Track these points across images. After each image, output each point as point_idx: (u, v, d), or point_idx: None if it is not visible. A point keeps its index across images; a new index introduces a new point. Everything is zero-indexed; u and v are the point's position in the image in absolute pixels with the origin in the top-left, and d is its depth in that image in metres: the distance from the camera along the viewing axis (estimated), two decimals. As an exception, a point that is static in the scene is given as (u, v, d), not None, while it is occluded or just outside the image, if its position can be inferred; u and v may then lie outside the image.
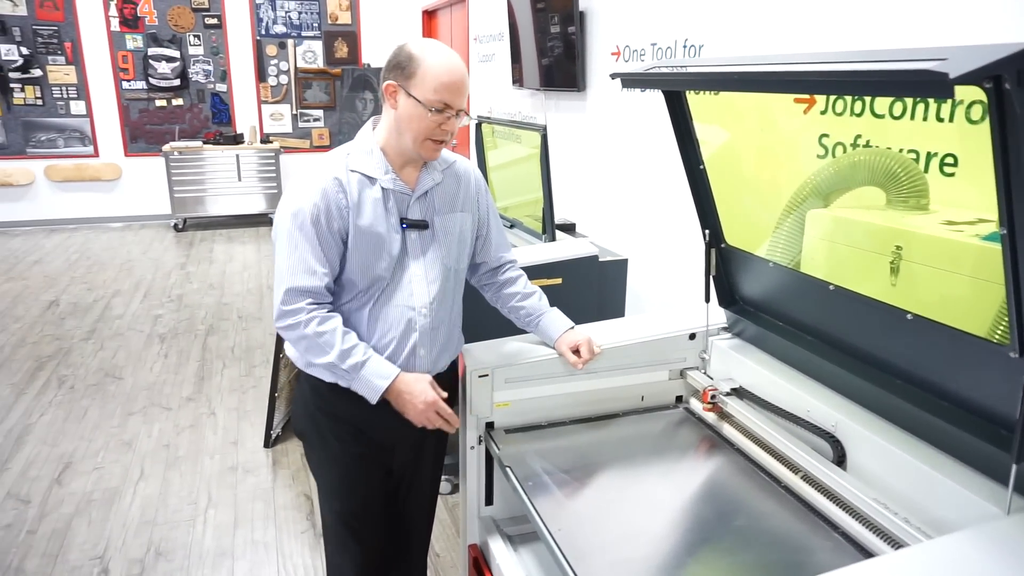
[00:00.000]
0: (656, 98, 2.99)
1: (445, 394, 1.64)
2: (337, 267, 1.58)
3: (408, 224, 1.63)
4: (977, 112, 1.33)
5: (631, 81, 1.65)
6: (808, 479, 1.54)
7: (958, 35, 1.93)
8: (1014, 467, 1.14)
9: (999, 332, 1.25)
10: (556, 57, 4.17)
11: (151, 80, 7.82)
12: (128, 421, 3.54)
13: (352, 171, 1.57)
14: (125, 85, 7.77)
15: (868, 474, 1.46)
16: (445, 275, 1.69)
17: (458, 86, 1.53)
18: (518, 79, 4.78)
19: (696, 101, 1.74)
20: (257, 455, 3.23)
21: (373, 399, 1.59)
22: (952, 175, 1.46)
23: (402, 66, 1.53)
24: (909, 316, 1.35)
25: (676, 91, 1.71)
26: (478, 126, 3.70)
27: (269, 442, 3.30)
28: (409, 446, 1.81)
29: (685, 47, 3.08)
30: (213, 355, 4.38)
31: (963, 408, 1.31)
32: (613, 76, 1.67)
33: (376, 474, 1.78)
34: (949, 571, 1.02)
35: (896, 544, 1.30)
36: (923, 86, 0.93)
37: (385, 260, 1.60)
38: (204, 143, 7.80)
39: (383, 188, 1.59)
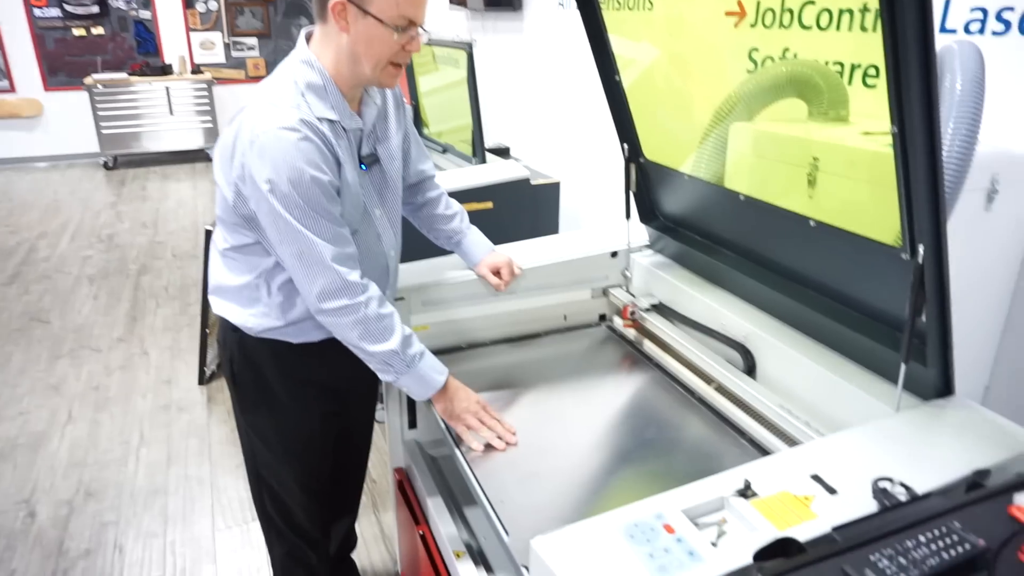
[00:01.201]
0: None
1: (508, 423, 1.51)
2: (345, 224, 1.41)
3: (366, 163, 1.48)
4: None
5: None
6: (720, 389, 1.56)
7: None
8: (903, 366, 1.16)
9: (887, 231, 1.26)
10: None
11: (66, 7, 7.30)
12: (55, 365, 3.43)
13: (321, 120, 1.34)
14: (37, 12, 7.24)
15: (775, 381, 1.48)
16: (399, 206, 1.59)
17: None
18: (456, -2, 4.59)
19: (616, 17, 1.67)
20: (191, 393, 3.18)
21: (424, 395, 1.47)
22: (874, 87, 1.44)
23: None
24: (812, 223, 1.34)
25: (587, -4, 1.64)
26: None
27: (204, 379, 3.24)
28: (363, 393, 1.76)
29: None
30: (146, 295, 4.24)
31: (862, 313, 1.33)
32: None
33: (333, 427, 1.71)
34: (830, 464, 1.03)
35: (793, 443, 1.33)
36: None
37: (358, 208, 1.45)
38: (130, 75, 7.37)
39: (345, 129, 1.40)
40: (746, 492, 1.00)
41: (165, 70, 7.54)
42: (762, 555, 0.87)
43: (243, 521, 2.40)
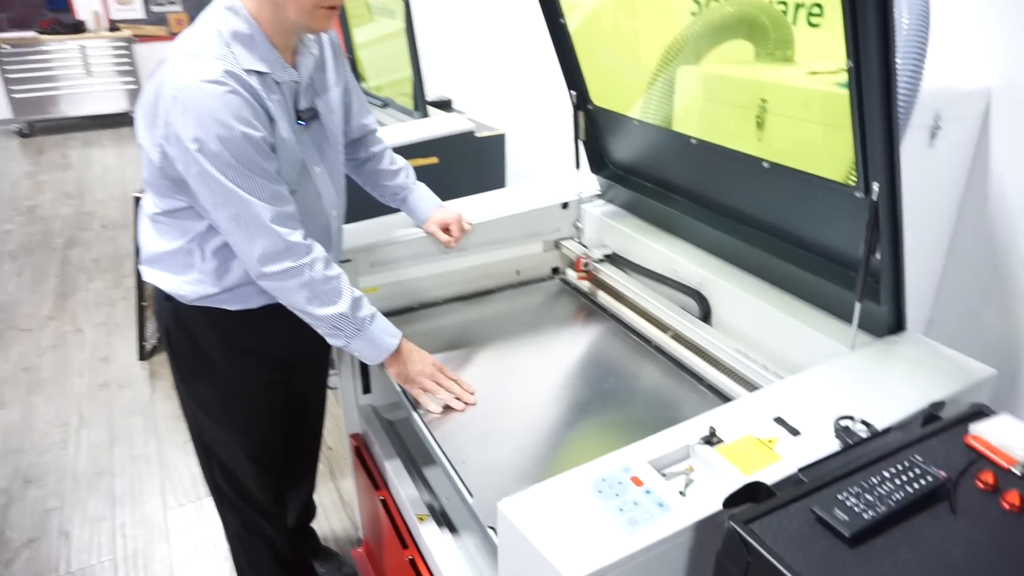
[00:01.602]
0: (526, -44, 2.78)
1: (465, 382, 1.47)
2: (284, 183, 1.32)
3: (304, 119, 1.38)
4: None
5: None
6: (677, 337, 1.55)
7: None
8: (857, 304, 1.17)
9: (840, 170, 1.25)
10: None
11: (-39, -40, 6.72)
12: (-20, 347, 3.24)
13: (248, 72, 1.24)
14: (-71, -34, 6.65)
15: (731, 326, 1.49)
16: (341, 163, 1.50)
17: None
18: (385, -55, 4.37)
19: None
20: (132, 369, 3.05)
21: (377, 359, 1.41)
22: (818, 26, 1.42)
23: None
24: (766, 164, 1.32)
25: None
26: (339, -3, 3.37)
27: (144, 354, 3.11)
28: (312, 360, 1.69)
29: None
30: (75, 269, 4.03)
31: (815, 254, 1.33)
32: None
33: (280, 397, 1.65)
34: (792, 406, 1.04)
35: (752, 387, 1.33)
36: None
37: (296, 166, 1.36)
38: (39, 33, 6.87)
39: (277, 83, 1.29)
40: (711, 439, 0.99)
41: (77, 27, 7.04)
42: (732, 501, 0.86)
43: (196, 497, 2.33)
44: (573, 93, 1.77)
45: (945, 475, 0.83)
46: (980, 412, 0.96)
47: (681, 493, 0.91)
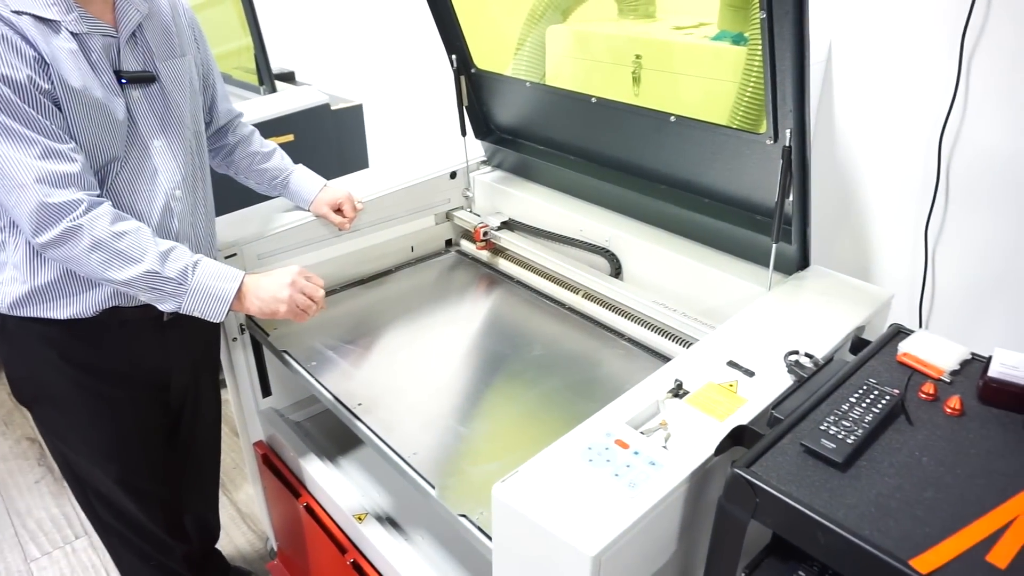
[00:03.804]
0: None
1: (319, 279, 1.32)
2: (72, 141, 1.13)
3: (128, 79, 1.20)
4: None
5: None
6: (589, 296, 1.57)
7: None
8: (773, 247, 1.24)
9: (740, 121, 1.32)
10: None
11: None
12: None
13: (17, 13, 1.08)
14: None
15: (644, 280, 1.53)
16: (191, 141, 1.33)
17: None
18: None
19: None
20: (-56, 408, 2.59)
21: (221, 311, 1.20)
22: None
23: None
24: (672, 119, 1.36)
25: None
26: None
27: (-42, 389, 2.65)
28: (185, 372, 1.49)
29: None
30: None
31: (723, 202, 1.39)
32: None
33: (155, 415, 1.46)
34: (737, 349, 1.09)
35: (679, 339, 1.38)
36: None
37: (114, 132, 1.19)
38: None
39: (73, 34, 1.14)
40: (678, 392, 1.02)
41: None
42: (722, 448, 0.89)
43: (62, 541, 2.04)
44: (453, 57, 1.70)
45: (898, 392, 0.91)
46: (900, 331, 1.07)
47: (664, 447, 0.92)
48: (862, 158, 1.56)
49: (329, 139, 2.53)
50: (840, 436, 0.84)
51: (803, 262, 1.31)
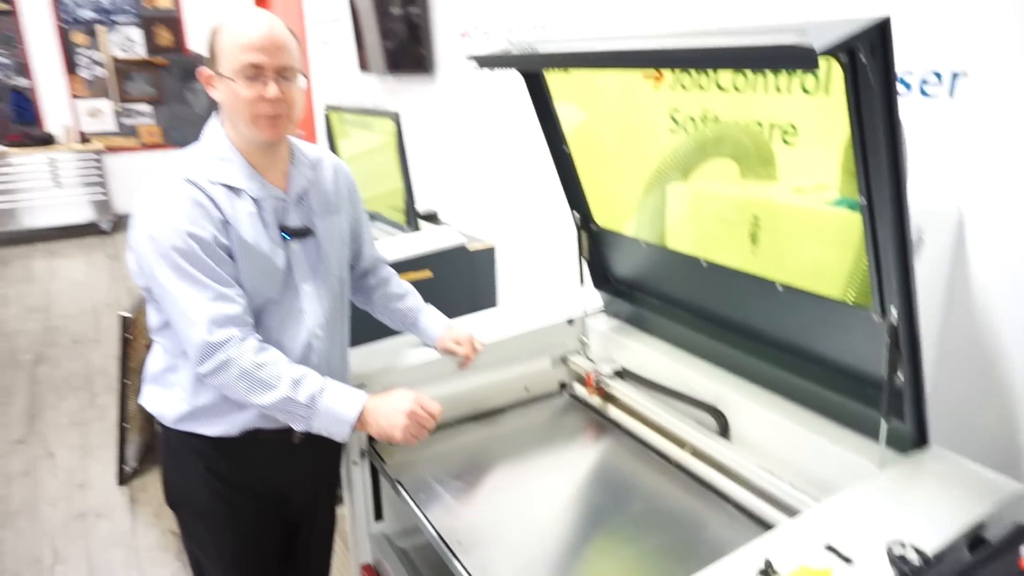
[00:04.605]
0: (510, 78, 2.94)
1: (434, 407, 1.44)
2: (238, 286, 1.35)
3: (290, 234, 1.43)
4: (811, 83, 1.38)
5: (488, 61, 1.58)
6: (696, 453, 1.56)
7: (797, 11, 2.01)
8: (884, 424, 1.20)
9: (853, 293, 1.32)
10: (401, 39, 4.01)
11: (-69, 78, 6.78)
12: (-57, 478, 3.06)
13: (213, 183, 1.34)
14: (-103, 85, 6.68)
15: (751, 442, 1.50)
16: (335, 286, 1.53)
17: (263, 42, 1.30)
18: (366, 64, 4.57)
19: (556, 80, 1.70)
20: (110, 496, 2.90)
21: (343, 434, 1.36)
22: (792, 144, 1.52)
23: (209, 46, 1.34)
24: (780, 288, 1.38)
25: (535, 72, 1.66)
26: (326, 116, 3.49)
27: (123, 479, 2.97)
28: (306, 491, 1.64)
29: (534, 27, 3.05)
30: (44, 388, 3.88)
31: (832, 371, 1.37)
32: (470, 58, 1.58)
33: (275, 529, 1.60)
34: (837, 532, 1.05)
35: (784, 508, 1.34)
36: (790, 59, 0.93)
37: (273, 278, 1.40)
38: (7, 146, 6.87)
39: (253, 198, 1.38)
40: (768, 572, 0.99)
41: (47, 140, 7.08)
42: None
43: (184, 637, 2.19)
44: (576, 214, 1.84)
45: (1012, 606, 0.85)
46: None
47: (749, 633, 0.90)
48: (1007, 332, 1.49)
49: (463, 277, 2.74)
50: (938, 649, 0.79)
51: (920, 441, 1.25)
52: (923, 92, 1.81)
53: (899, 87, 1.87)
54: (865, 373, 1.30)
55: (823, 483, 1.32)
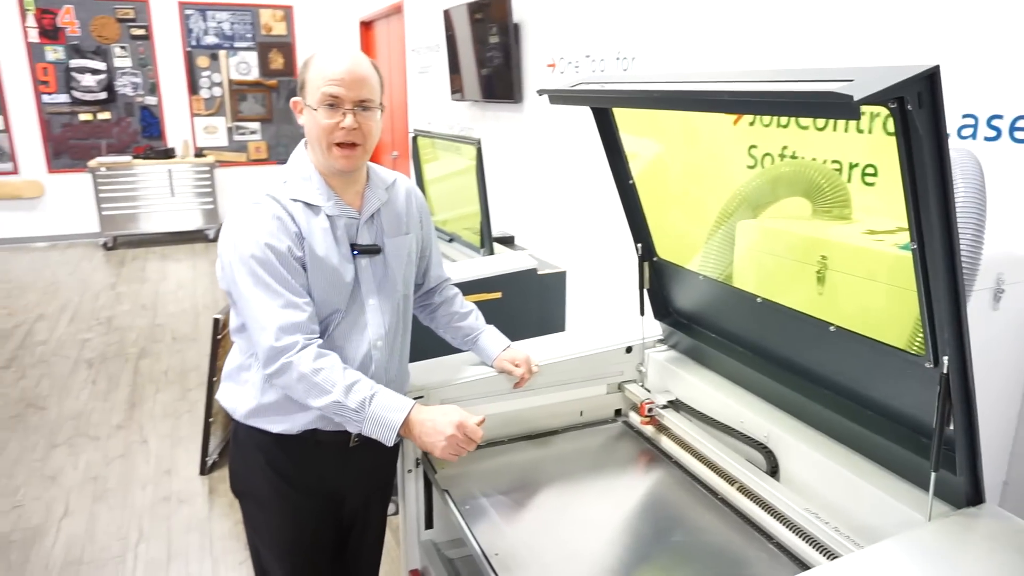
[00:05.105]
0: (589, 110, 3.01)
1: (477, 418, 1.50)
2: (309, 296, 1.47)
3: (360, 250, 1.54)
4: (892, 125, 1.37)
5: (558, 97, 1.65)
6: (743, 490, 1.55)
7: (877, 51, 1.99)
8: (933, 475, 1.17)
9: (918, 341, 1.29)
10: (495, 68, 4.16)
11: (74, 93, 7.51)
12: (52, 453, 3.36)
13: (294, 200, 1.47)
14: (46, 99, 7.43)
15: (800, 483, 1.48)
16: (399, 302, 1.63)
17: (345, 76, 1.41)
18: (458, 90, 4.76)
19: (624, 115, 1.75)
20: (192, 483, 3.11)
21: (389, 438, 1.44)
22: (872, 184, 1.50)
23: (300, 78, 1.48)
24: (832, 328, 1.37)
25: (601, 107, 1.72)
26: (414, 139, 3.67)
27: (205, 469, 3.18)
28: (360, 493, 1.73)
29: (618, 59, 3.11)
30: (145, 379, 4.21)
31: (886, 417, 1.34)
32: (540, 92, 1.66)
33: (329, 526, 1.70)
34: (874, 583, 1.03)
35: (826, 552, 1.31)
36: (829, 107, 0.94)
37: (341, 290, 1.51)
38: (134, 158, 7.53)
39: (328, 216, 1.49)
40: (791, 612, 0.99)
41: (168, 153, 7.71)
42: None
43: (247, 623, 2.32)
44: (639, 245, 1.87)
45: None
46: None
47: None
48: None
49: (533, 300, 2.80)
50: None
51: (975, 498, 1.21)
52: (1012, 138, 1.76)
53: (989, 131, 1.82)
54: (917, 421, 1.27)
55: (870, 530, 1.29)
